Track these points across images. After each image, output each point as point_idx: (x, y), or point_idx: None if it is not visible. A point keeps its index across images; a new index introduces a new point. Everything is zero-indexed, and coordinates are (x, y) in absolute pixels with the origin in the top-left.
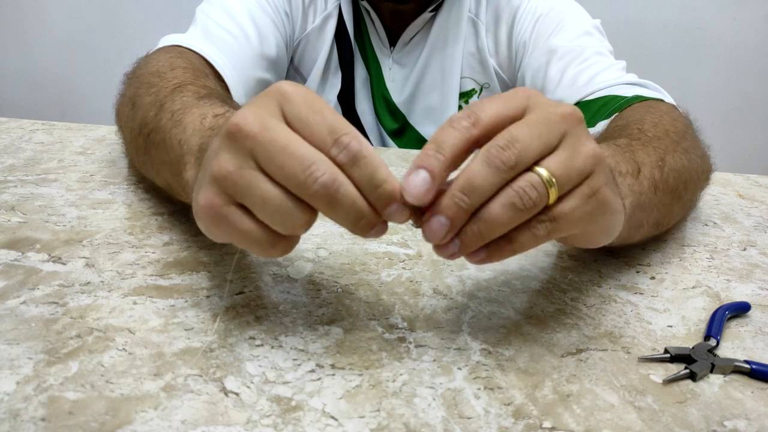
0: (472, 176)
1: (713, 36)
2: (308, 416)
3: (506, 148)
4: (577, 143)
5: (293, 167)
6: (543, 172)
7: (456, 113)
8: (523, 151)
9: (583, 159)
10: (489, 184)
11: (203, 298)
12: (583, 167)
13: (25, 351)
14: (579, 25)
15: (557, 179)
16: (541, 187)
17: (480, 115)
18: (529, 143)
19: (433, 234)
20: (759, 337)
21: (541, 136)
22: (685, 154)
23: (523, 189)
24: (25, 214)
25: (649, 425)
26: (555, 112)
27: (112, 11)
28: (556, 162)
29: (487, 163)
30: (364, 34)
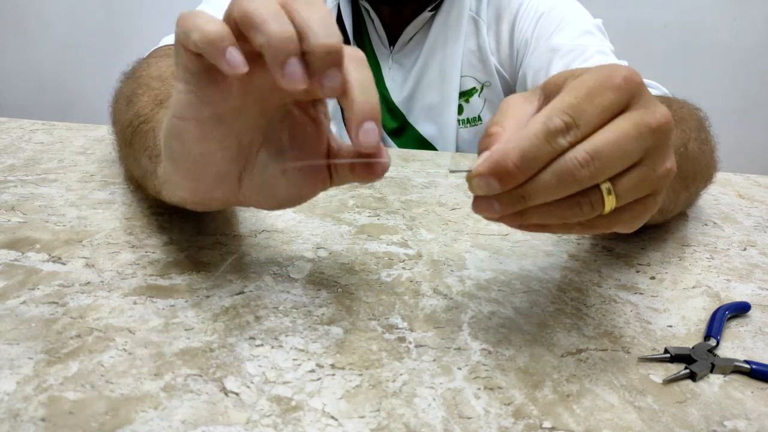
0: (541, 185)
1: (713, 36)
2: (308, 416)
3: (584, 166)
4: (657, 162)
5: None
6: (608, 187)
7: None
8: (600, 171)
9: (654, 180)
10: (552, 195)
11: (203, 298)
12: (651, 188)
13: (25, 351)
14: (581, 24)
15: (619, 197)
16: (600, 205)
17: (580, 127)
18: (610, 162)
19: (481, 211)
20: (759, 337)
21: (624, 153)
22: (701, 145)
23: (580, 205)
24: (25, 214)
25: (649, 425)
26: (649, 123)
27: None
28: (628, 182)
29: (559, 177)
30: (364, 34)
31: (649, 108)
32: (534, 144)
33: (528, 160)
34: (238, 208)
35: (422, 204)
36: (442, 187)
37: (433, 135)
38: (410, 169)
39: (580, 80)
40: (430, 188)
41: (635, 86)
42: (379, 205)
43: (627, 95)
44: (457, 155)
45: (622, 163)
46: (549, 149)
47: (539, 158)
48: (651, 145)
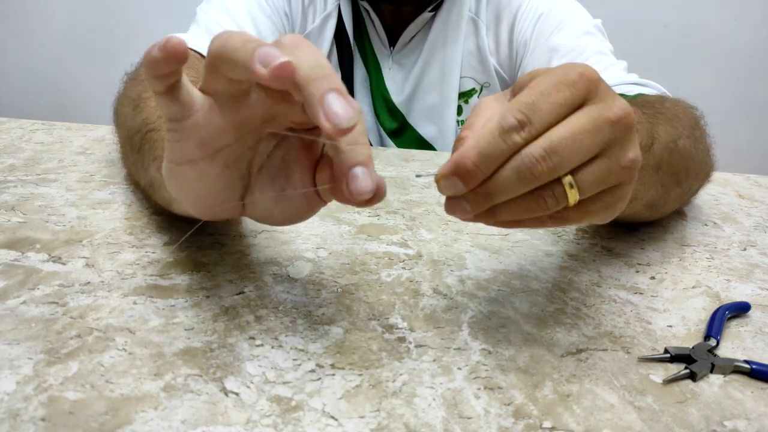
0: (502, 181)
1: (713, 36)
2: (308, 416)
3: (541, 161)
4: (620, 154)
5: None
6: (569, 180)
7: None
8: (558, 165)
9: (618, 172)
10: (514, 191)
11: (203, 298)
12: (615, 179)
13: (25, 351)
14: (580, 24)
15: (582, 190)
16: (563, 197)
17: (534, 123)
18: (567, 156)
19: (452, 212)
20: (759, 337)
21: (582, 146)
22: (694, 143)
23: (544, 198)
24: (25, 214)
25: (649, 425)
26: (607, 117)
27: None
28: (590, 174)
29: (518, 172)
30: (364, 35)
31: (606, 102)
32: (489, 142)
33: (485, 157)
34: None
35: (422, 204)
36: None
37: (432, 136)
38: (410, 169)
39: (538, 79)
40: (430, 188)
41: (591, 82)
42: (379, 205)
43: (582, 91)
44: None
45: (579, 157)
46: (504, 146)
47: (496, 155)
48: (610, 138)
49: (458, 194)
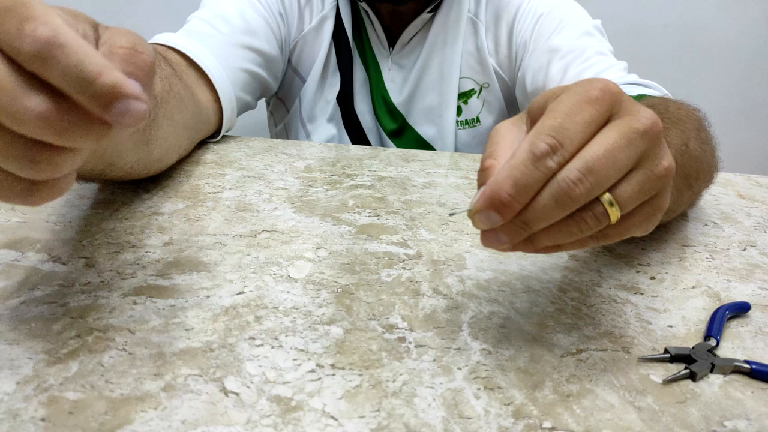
0: (540, 209)
1: (713, 36)
2: (308, 416)
3: (578, 183)
4: (653, 165)
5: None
6: (609, 198)
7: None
8: (596, 185)
9: (655, 180)
10: (553, 217)
11: (203, 298)
12: (652, 190)
13: (25, 351)
14: (580, 24)
15: (622, 206)
16: (604, 217)
17: (565, 146)
18: (604, 174)
19: (489, 244)
20: (759, 337)
21: (617, 163)
22: (702, 144)
23: (585, 220)
24: (25, 214)
25: (649, 425)
26: (637, 128)
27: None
28: (627, 190)
29: (556, 198)
30: (363, 35)
31: (633, 114)
32: (523, 172)
33: (521, 187)
34: (238, 209)
35: (422, 204)
36: (442, 187)
37: (432, 136)
38: (410, 169)
39: (559, 100)
40: (430, 188)
41: (613, 96)
42: (379, 205)
43: (607, 106)
44: (457, 155)
45: (616, 173)
46: (538, 174)
47: (531, 184)
48: (644, 149)
49: (494, 227)
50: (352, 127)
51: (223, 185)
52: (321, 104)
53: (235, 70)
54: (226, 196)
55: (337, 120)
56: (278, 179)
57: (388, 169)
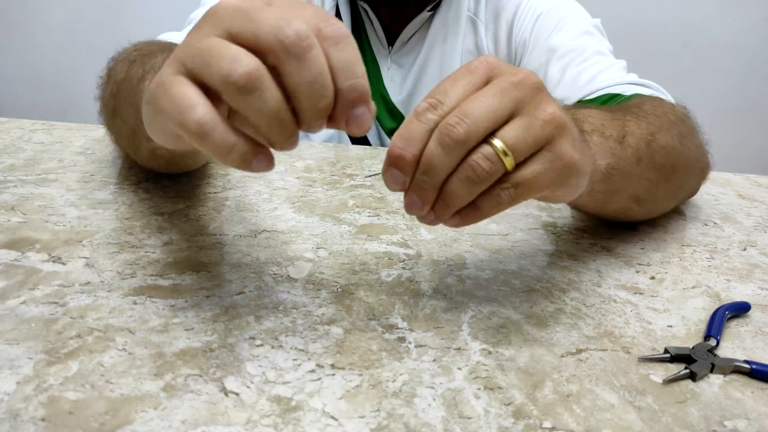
0: (430, 157)
1: (713, 36)
2: (308, 416)
3: (456, 125)
4: (535, 110)
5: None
6: (497, 143)
7: (421, 102)
8: (473, 125)
9: (540, 125)
10: (445, 163)
11: (203, 298)
12: (540, 133)
13: (25, 351)
14: (579, 24)
15: (512, 148)
16: (494, 157)
17: (445, 103)
18: (480, 116)
19: (410, 208)
20: (759, 337)
21: (492, 107)
22: (679, 137)
23: (476, 161)
24: (25, 214)
25: (649, 425)
26: (511, 80)
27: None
28: (510, 131)
29: (440, 143)
30: (362, 34)
31: (511, 72)
32: (407, 126)
33: (406, 138)
34: (238, 209)
35: None
36: None
37: None
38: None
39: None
40: None
41: (491, 64)
42: (379, 205)
43: (485, 71)
44: None
45: (493, 116)
46: (421, 125)
47: (415, 135)
48: (519, 97)
49: (402, 185)
50: None
51: (223, 185)
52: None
53: None
54: (226, 196)
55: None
56: (278, 179)
57: None
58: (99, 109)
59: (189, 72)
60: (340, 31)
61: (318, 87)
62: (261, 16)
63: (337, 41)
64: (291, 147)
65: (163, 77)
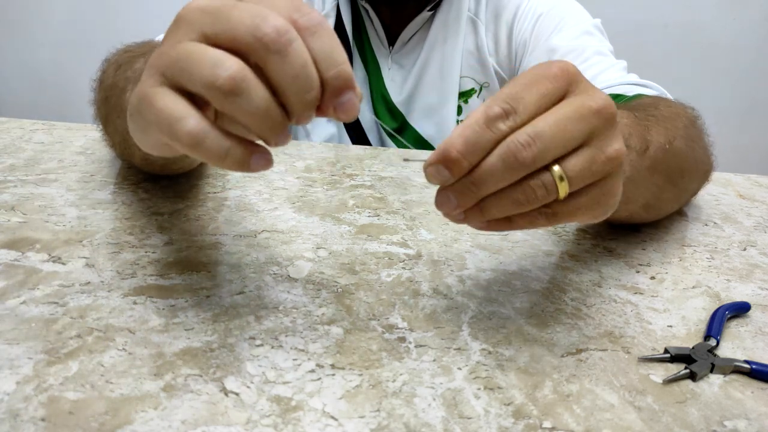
0: (488, 170)
1: (713, 36)
2: (308, 416)
3: (527, 147)
4: (604, 144)
5: (199, 71)
6: (558, 170)
7: (493, 104)
8: (544, 151)
9: (603, 162)
10: (500, 180)
11: (203, 298)
12: (601, 170)
13: (25, 351)
14: (580, 24)
15: (571, 180)
16: (552, 186)
17: (518, 113)
18: (552, 142)
19: (441, 205)
20: (759, 337)
21: (566, 134)
22: (689, 142)
23: (533, 188)
24: (25, 214)
25: (649, 425)
26: (590, 106)
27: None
28: (576, 163)
29: (503, 159)
30: (363, 34)
31: (589, 93)
32: (474, 130)
33: (470, 145)
34: (238, 209)
35: (422, 204)
36: None
37: (432, 135)
38: (410, 169)
39: (519, 75)
40: (430, 188)
41: (571, 75)
42: (379, 205)
43: (564, 83)
44: None
45: (564, 144)
46: (489, 134)
47: (481, 143)
48: (594, 127)
49: (445, 184)
50: (351, 127)
51: (223, 185)
52: None
53: None
54: (225, 196)
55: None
56: (278, 179)
57: (388, 169)
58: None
59: (170, 81)
60: (316, 19)
61: (303, 80)
62: (234, 14)
63: (314, 30)
64: (284, 142)
65: (144, 89)
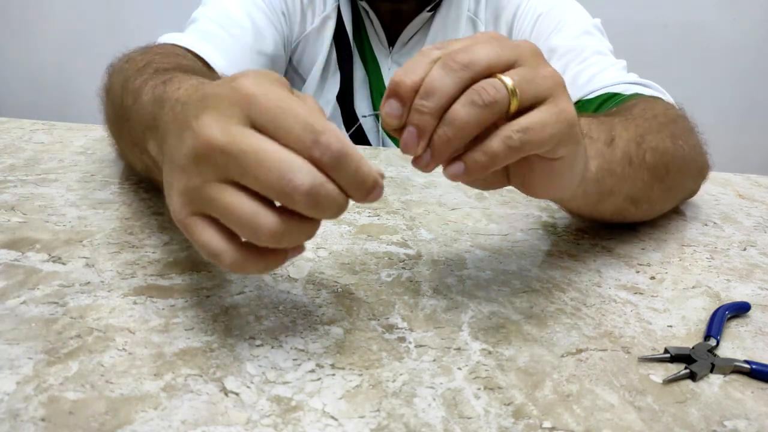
0: (431, 80)
1: (713, 36)
2: (308, 416)
3: (460, 52)
4: (536, 65)
5: (269, 177)
6: (505, 78)
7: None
8: (477, 56)
9: (542, 77)
10: (447, 86)
11: (203, 298)
12: (543, 84)
13: (25, 351)
14: (579, 24)
15: (518, 87)
16: (501, 87)
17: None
18: (484, 53)
19: (405, 145)
20: (759, 337)
21: (495, 51)
22: (671, 138)
23: (482, 86)
24: (25, 214)
25: (649, 425)
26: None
27: (112, 11)
28: (515, 74)
29: (444, 66)
30: (363, 35)
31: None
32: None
33: (407, 68)
34: None
35: (422, 204)
36: (442, 187)
37: None
38: (410, 169)
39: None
40: (430, 188)
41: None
42: (379, 205)
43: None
44: None
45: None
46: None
47: (418, 65)
48: (520, 53)
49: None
50: (351, 127)
51: None
52: (321, 103)
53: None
54: None
55: (336, 119)
56: None
57: (388, 169)
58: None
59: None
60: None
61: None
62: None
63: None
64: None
65: (179, 216)
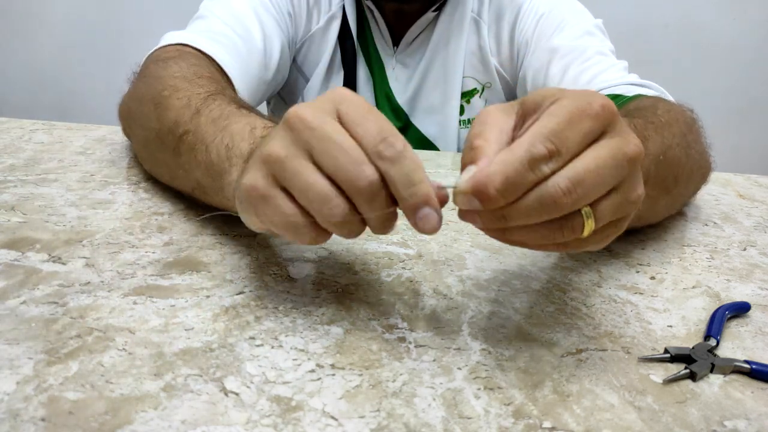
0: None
1: (713, 36)
2: (308, 416)
3: (567, 194)
4: (630, 189)
5: (345, 162)
6: (588, 212)
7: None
8: (582, 197)
9: (626, 206)
10: (533, 219)
11: (203, 298)
12: (623, 213)
13: (25, 351)
14: (581, 24)
15: (597, 222)
16: (579, 228)
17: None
18: (591, 189)
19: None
20: (759, 337)
21: (603, 180)
22: (686, 148)
23: (560, 229)
24: (25, 214)
25: (649, 425)
26: (626, 152)
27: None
28: (606, 208)
29: (542, 202)
30: (367, 34)
31: (623, 137)
32: (518, 170)
33: (510, 185)
34: None
35: None
36: None
37: (434, 135)
38: None
39: (560, 105)
40: None
41: (611, 115)
42: None
43: (604, 123)
44: (459, 156)
45: (600, 191)
46: (532, 177)
47: (522, 184)
48: (626, 174)
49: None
50: None
51: None
52: None
53: (252, 78)
54: None
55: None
56: None
57: None
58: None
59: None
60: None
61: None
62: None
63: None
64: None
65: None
